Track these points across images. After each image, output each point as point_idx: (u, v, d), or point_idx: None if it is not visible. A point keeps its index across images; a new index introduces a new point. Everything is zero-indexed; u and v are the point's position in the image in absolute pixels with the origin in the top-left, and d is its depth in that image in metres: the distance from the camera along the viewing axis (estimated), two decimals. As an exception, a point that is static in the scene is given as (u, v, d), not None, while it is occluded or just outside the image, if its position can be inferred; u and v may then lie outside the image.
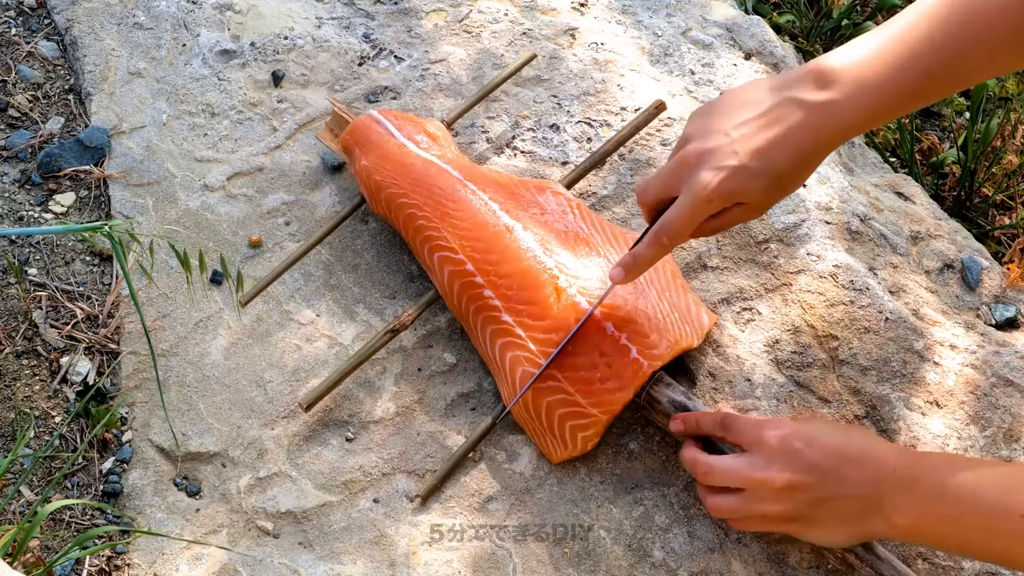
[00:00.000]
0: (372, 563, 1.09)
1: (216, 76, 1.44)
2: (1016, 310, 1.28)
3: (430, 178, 1.23)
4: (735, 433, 1.03)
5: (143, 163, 1.36)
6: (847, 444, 0.99)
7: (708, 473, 1.03)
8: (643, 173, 1.33)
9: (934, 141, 1.67)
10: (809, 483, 0.98)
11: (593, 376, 1.10)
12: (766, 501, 1.00)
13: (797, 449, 0.99)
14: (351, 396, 1.19)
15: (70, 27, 1.49)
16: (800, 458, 0.99)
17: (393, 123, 1.28)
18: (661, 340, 1.11)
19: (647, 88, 1.40)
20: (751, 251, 1.27)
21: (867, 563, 1.02)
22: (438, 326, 1.24)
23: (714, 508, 1.04)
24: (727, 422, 1.04)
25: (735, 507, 1.02)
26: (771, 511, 1.00)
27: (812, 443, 0.99)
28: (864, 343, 1.20)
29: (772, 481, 0.99)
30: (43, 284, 1.27)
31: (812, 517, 0.99)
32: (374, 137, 1.27)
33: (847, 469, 0.97)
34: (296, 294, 1.27)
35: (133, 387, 1.20)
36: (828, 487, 0.98)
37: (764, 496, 1.00)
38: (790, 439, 1.00)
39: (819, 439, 1.00)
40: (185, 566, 1.08)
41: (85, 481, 1.14)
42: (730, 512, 1.03)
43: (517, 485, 1.14)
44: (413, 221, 1.22)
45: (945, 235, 1.35)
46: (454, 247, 1.18)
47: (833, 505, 0.98)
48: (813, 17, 1.82)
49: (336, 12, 1.52)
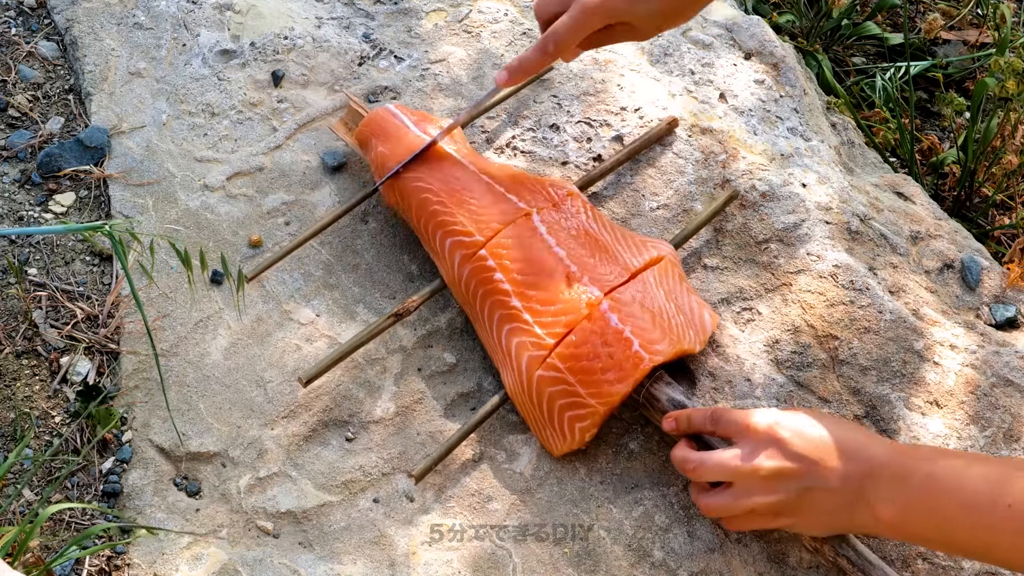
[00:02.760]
0: (372, 563, 1.09)
1: (216, 76, 1.44)
2: (1016, 310, 1.28)
3: (448, 168, 1.24)
4: (724, 425, 1.04)
5: (143, 163, 1.36)
6: (833, 435, 0.99)
7: (697, 468, 1.03)
8: (643, 173, 1.33)
9: (934, 141, 1.67)
10: (795, 471, 0.98)
11: (594, 366, 1.10)
12: (754, 492, 1.00)
13: (784, 438, 0.99)
14: (351, 396, 1.19)
15: (70, 27, 1.49)
16: (787, 447, 0.99)
17: (409, 117, 1.30)
18: (664, 338, 1.11)
19: (647, 88, 1.40)
20: (751, 251, 1.27)
21: (859, 568, 1.02)
22: (438, 326, 1.24)
23: (706, 508, 1.05)
24: (716, 416, 1.05)
25: (726, 503, 1.02)
26: (760, 503, 1.00)
27: (799, 433, 1.00)
28: (864, 343, 1.20)
29: (759, 470, 0.99)
30: (43, 284, 1.27)
31: (798, 507, 0.99)
32: (391, 128, 1.28)
33: (833, 460, 0.98)
34: (296, 294, 1.27)
35: (133, 387, 1.20)
36: (813, 477, 0.98)
37: (752, 487, 1.00)
38: (777, 428, 1.00)
39: (806, 430, 1.00)
40: (185, 566, 1.08)
41: (85, 481, 1.14)
42: (721, 509, 1.03)
43: (517, 485, 1.14)
44: (428, 205, 1.22)
45: (945, 235, 1.35)
46: (469, 230, 1.19)
47: (818, 496, 0.98)
48: (813, 17, 1.82)
49: (336, 12, 1.52)
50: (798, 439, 0.99)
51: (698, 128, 1.37)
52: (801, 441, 0.99)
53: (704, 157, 1.34)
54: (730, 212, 1.30)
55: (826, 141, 1.42)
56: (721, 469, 1.02)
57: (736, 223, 1.29)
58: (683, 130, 1.36)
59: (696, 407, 1.10)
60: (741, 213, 1.29)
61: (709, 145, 1.35)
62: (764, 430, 1.00)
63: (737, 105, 1.41)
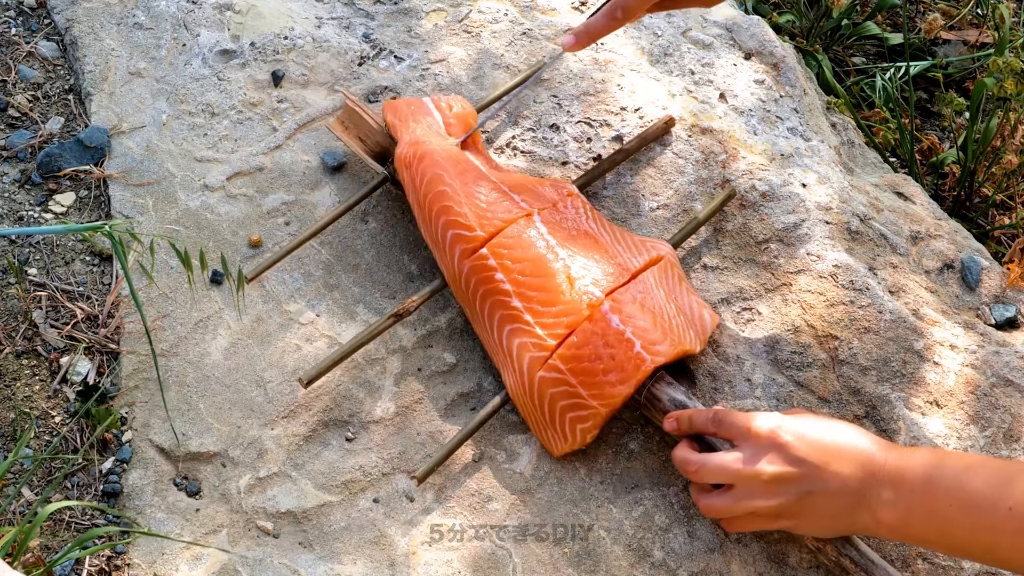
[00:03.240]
0: (372, 563, 1.09)
1: (216, 76, 1.44)
2: (1016, 310, 1.29)
3: (463, 163, 1.25)
4: (726, 428, 1.04)
5: (143, 163, 1.36)
6: (836, 439, 0.99)
7: (699, 470, 1.03)
8: (642, 173, 1.33)
9: (934, 141, 1.67)
10: (796, 475, 0.98)
11: (596, 367, 1.10)
12: (756, 496, 1.00)
13: (786, 442, 0.99)
14: (351, 396, 1.19)
15: (70, 27, 1.49)
16: (788, 451, 0.99)
17: (439, 110, 1.32)
18: (665, 338, 1.12)
19: (647, 88, 1.40)
20: (751, 251, 1.27)
21: (861, 567, 1.02)
22: (438, 326, 1.24)
23: (706, 509, 1.05)
24: (718, 418, 1.05)
25: (727, 505, 1.02)
26: (761, 507, 1.00)
27: (801, 437, 1.00)
28: (864, 343, 1.20)
29: (760, 474, 0.99)
30: (43, 284, 1.27)
31: (800, 511, 0.99)
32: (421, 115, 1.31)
33: (835, 464, 0.98)
34: (296, 294, 1.27)
35: (133, 387, 1.20)
36: (815, 481, 0.98)
37: (753, 491, 1.00)
38: (779, 432, 1.00)
39: (808, 433, 1.00)
40: (185, 566, 1.08)
41: (85, 481, 1.14)
42: (722, 510, 1.03)
43: (517, 485, 1.14)
44: (437, 184, 1.22)
45: (945, 235, 1.35)
46: (471, 224, 1.19)
47: (820, 499, 0.98)
48: (813, 17, 1.82)
49: (336, 12, 1.52)
50: (800, 443, 0.99)
51: (698, 128, 1.37)
52: (803, 445, 0.99)
53: (704, 157, 1.34)
54: (730, 212, 1.30)
55: (826, 141, 1.42)
56: (722, 472, 1.02)
57: (736, 223, 1.29)
58: (683, 130, 1.36)
59: (698, 407, 1.10)
60: (741, 213, 1.29)
61: (709, 145, 1.35)
62: (766, 434, 1.00)
63: (737, 105, 1.41)
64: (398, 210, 1.33)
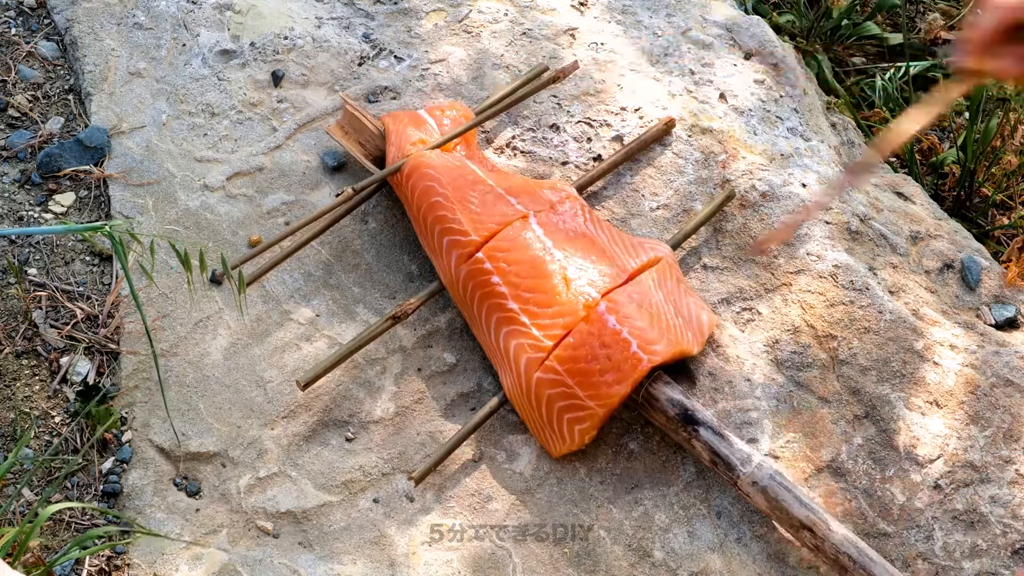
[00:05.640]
0: (372, 563, 1.09)
1: (216, 76, 1.44)
2: (1016, 310, 1.29)
3: (457, 168, 1.26)
4: None
5: (143, 163, 1.36)
6: None
7: None
8: (642, 173, 1.33)
9: (934, 141, 1.67)
10: None
11: (593, 368, 1.10)
12: None
13: None
14: (351, 396, 1.19)
15: (70, 27, 1.49)
16: None
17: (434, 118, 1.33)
18: (662, 338, 1.12)
19: (647, 88, 1.40)
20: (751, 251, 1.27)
21: (860, 565, 1.02)
22: (438, 326, 1.24)
23: None
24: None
25: None
26: None
27: None
28: (864, 343, 1.20)
29: None
30: (43, 284, 1.27)
31: None
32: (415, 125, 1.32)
33: None
34: (296, 294, 1.27)
35: (133, 387, 1.20)
36: None
37: None
38: None
39: None
40: (185, 566, 1.08)
41: (85, 481, 1.14)
42: None
43: (517, 485, 1.14)
44: (431, 195, 1.23)
45: (945, 235, 1.35)
46: (466, 230, 1.19)
47: None
48: (813, 17, 1.82)
49: (336, 12, 1.52)
50: None
51: (698, 128, 1.37)
52: None
53: (704, 157, 1.34)
54: (730, 212, 1.30)
55: (826, 141, 1.43)
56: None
57: (736, 223, 1.29)
58: (683, 130, 1.36)
59: (697, 407, 1.10)
60: (741, 213, 1.29)
61: (709, 145, 1.35)
62: None
63: (737, 105, 1.41)
64: (398, 210, 1.33)
